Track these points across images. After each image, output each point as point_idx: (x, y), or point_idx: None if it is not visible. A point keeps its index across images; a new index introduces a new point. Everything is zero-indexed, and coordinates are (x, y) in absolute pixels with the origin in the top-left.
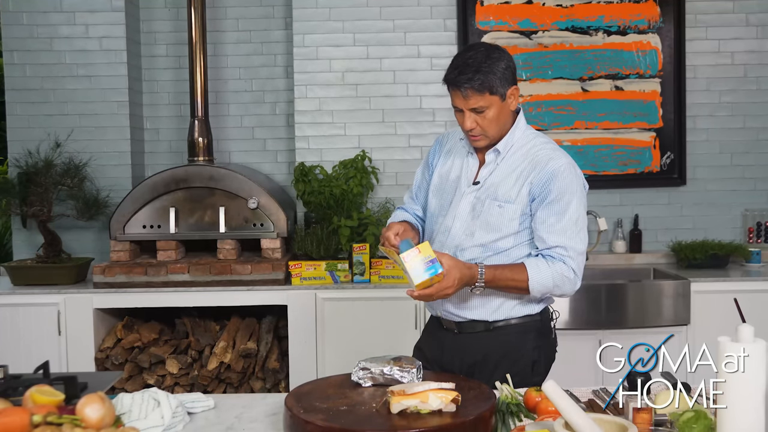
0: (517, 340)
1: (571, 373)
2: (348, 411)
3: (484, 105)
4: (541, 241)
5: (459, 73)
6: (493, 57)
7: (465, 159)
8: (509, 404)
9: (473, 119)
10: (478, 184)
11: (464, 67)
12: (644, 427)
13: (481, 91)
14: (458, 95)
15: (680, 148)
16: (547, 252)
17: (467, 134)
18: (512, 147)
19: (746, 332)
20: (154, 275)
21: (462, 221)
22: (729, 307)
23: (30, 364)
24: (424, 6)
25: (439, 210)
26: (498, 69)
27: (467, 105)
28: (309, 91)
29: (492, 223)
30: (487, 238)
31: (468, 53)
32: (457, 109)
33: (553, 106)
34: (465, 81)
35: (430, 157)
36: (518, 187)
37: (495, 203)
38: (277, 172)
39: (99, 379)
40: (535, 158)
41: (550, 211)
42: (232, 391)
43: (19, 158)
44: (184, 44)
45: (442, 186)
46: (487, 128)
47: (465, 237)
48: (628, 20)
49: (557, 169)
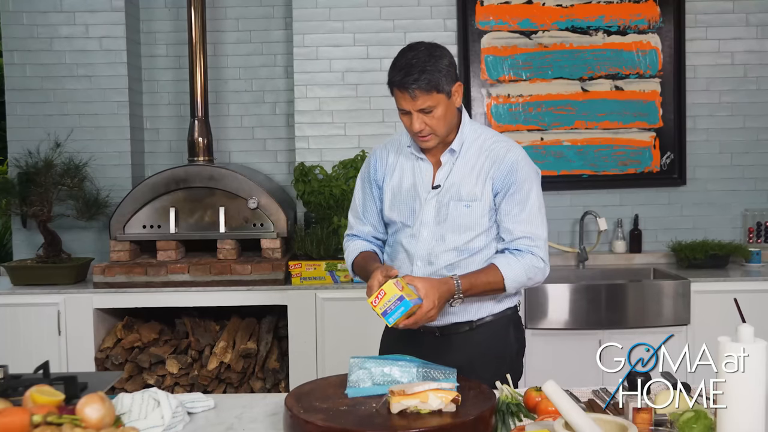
0: (500, 335)
1: (571, 373)
2: (348, 411)
3: (432, 104)
4: (507, 233)
5: (405, 75)
6: (436, 55)
7: (416, 165)
8: (509, 404)
9: (421, 120)
10: (439, 187)
11: (409, 68)
12: (644, 427)
13: (429, 90)
14: (405, 97)
15: (680, 148)
16: (513, 246)
17: (416, 136)
18: (464, 144)
19: (746, 332)
20: (154, 275)
21: (429, 228)
22: (729, 307)
23: (30, 364)
24: (424, 6)
25: (402, 222)
26: (442, 67)
27: (415, 106)
28: (309, 91)
29: (462, 223)
30: (460, 240)
31: (410, 53)
32: (404, 111)
33: (553, 106)
34: (412, 82)
35: (371, 174)
36: (481, 183)
37: (461, 204)
38: (277, 172)
39: (99, 379)
40: (492, 153)
41: (513, 201)
42: (232, 391)
43: (19, 158)
44: (184, 44)
45: (398, 198)
46: (436, 128)
47: (436, 242)
48: (628, 20)
49: (516, 160)
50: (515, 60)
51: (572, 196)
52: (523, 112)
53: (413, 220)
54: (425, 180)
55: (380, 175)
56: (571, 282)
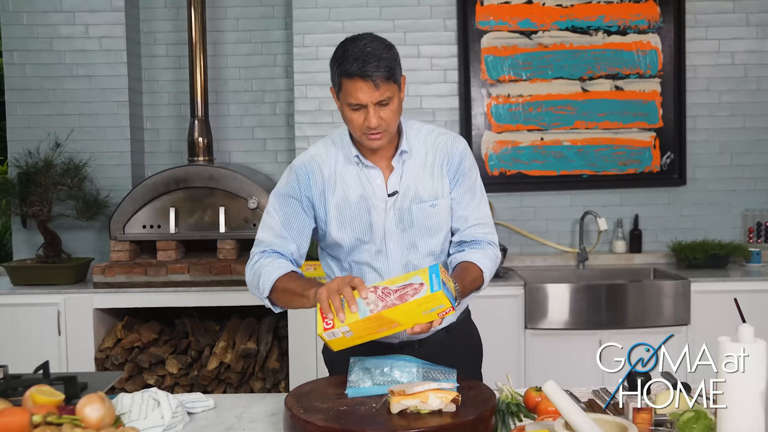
0: (470, 331)
1: (571, 373)
2: (348, 411)
3: (390, 95)
4: (462, 220)
5: (363, 63)
6: (386, 44)
7: (362, 174)
8: (509, 404)
9: (378, 114)
10: (396, 193)
11: (367, 56)
12: (644, 427)
13: (388, 79)
14: (364, 88)
15: (680, 148)
16: (469, 235)
17: (366, 135)
18: (412, 143)
19: (746, 332)
20: (154, 275)
21: (395, 239)
22: (729, 307)
23: (30, 364)
24: (424, 6)
25: (359, 239)
26: (395, 54)
27: (374, 97)
28: (309, 91)
29: (431, 225)
30: (434, 243)
31: (360, 42)
32: (357, 106)
33: (553, 106)
34: (374, 69)
35: (301, 191)
36: (439, 180)
37: (425, 205)
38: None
39: (99, 379)
40: (441, 147)
41: (463, 188)
42: (232, 391)
43: (19, 158)
44: (184, 44)
45: (347, 214)
46: (390, 122)
47: (408, 252)
48: (628, 20)
49: (462, 150)
50: (515, 60)
51: (572, 196)
52: (523, 112)
53: (372, 235)
54: (377, 189)
55: (315, 192)
56: (571, 282)
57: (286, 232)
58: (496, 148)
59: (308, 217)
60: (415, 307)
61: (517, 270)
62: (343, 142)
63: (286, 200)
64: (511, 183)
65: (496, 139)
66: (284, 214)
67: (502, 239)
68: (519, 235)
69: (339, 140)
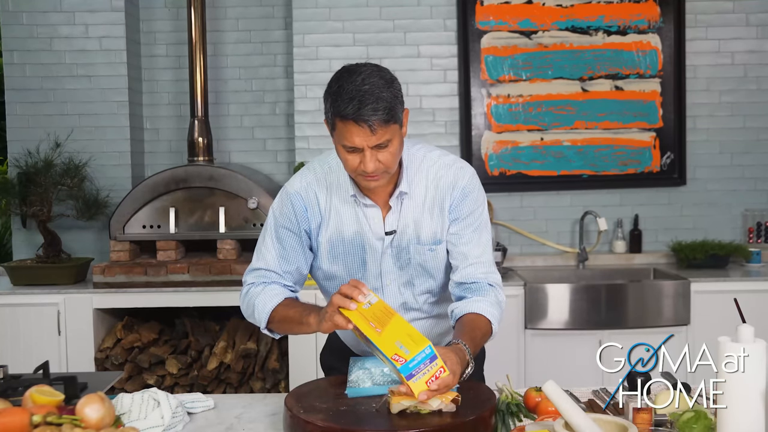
0: None
1: (571, 373)
2: (348, 411)
3: (389, 138)
4: (461, 258)
5: (360, 104)
6: (387, 78)
7: (358, 211)
8: (509, 404)
9: (375, 158)
10: (394, 232)
11: (363, 97)
12: (644, 427)
13: (388, 121)
14: (360, 132)
15: (680, 148)
16: (468, 276)
17: (362, 176)
18: (412, 182)
19: (746, 332)
20: (154, 275)
21: (393, 277)
22: (729, 307)
23: (30, 364)
24: (424, 6)
25: (351, 275)
26: (396, 91)
27: (371, 142)
28: (309, 91)
29: (429, 267)
30: (433, 284)
31: (356, 78)
32: (352, 149)
33: (553, 106)
34: (371, 113)
35: (299, 224)
36: (438, 220)
37: (423, 248)
38: (277, 172)
39: (99, 379)
40: (441, 181)
41: (465, 224)
42: (231, 391)
43: (19, 158)
44: (184, 44)
45: (339, 249)
46: (390, 164)
47: (405, 289)
48: (628, 20)
49: (467, 185)
50: (515, 60)
51: (572, 196)
52: (523, 112)
53: (366, 272)
54: (375, 227)
55: (313, 224)
56: (571, 282)
57: (281, 268)
58: (496, 148)
59: (306, 248)
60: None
61: (517, 270)
62: (339, 176)
63: (283, 233)
64: (511, 183)
65: (496, 139)
66: (279, 248)
67: (502, 239)
68: (519, 235)
69: (336, 167)
